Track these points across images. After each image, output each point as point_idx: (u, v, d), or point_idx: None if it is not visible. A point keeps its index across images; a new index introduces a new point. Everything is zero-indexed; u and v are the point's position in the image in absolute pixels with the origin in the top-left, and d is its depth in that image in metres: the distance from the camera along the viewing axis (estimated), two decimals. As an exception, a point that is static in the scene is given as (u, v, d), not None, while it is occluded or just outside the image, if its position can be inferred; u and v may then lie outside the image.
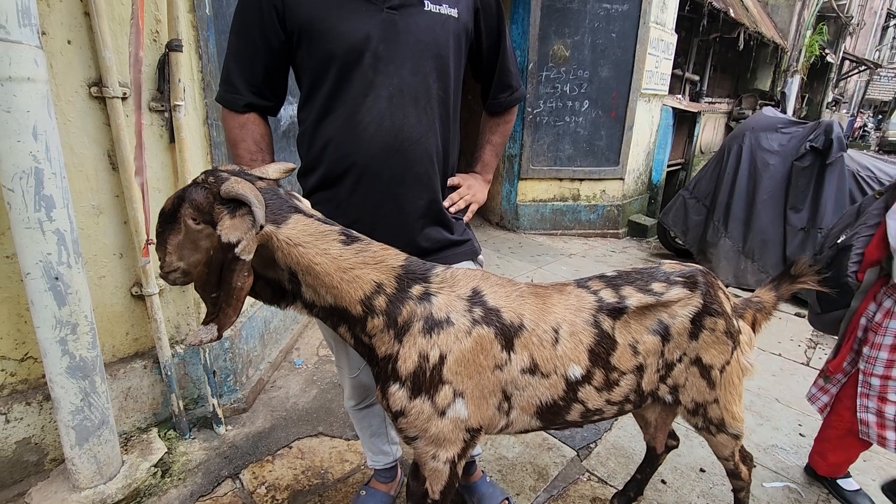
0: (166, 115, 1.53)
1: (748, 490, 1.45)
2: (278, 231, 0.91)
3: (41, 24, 1.21)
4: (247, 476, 1.68)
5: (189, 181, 1.46)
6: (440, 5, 1.11)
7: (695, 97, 7.21)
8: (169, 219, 0.90)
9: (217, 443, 1.79)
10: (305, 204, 1.01)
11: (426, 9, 1.10)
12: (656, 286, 1.16)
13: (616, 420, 2.06)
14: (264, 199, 0.90)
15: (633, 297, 1.14)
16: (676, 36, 4.83)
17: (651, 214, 5.16)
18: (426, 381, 1.02)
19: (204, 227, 0.88)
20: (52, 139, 1.21)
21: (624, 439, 1.96)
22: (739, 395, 1.28)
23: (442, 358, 1.01)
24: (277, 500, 1.59)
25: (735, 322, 1.23)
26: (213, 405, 1.80)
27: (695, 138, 5.94)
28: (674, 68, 5.28)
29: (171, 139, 1.57)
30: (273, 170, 0.96)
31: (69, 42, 1.33)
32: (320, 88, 1.12)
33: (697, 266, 1.23)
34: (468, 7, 1.16)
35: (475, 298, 1.05)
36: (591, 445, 1.91)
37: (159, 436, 1.71)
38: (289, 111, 2.30)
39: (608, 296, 1.14)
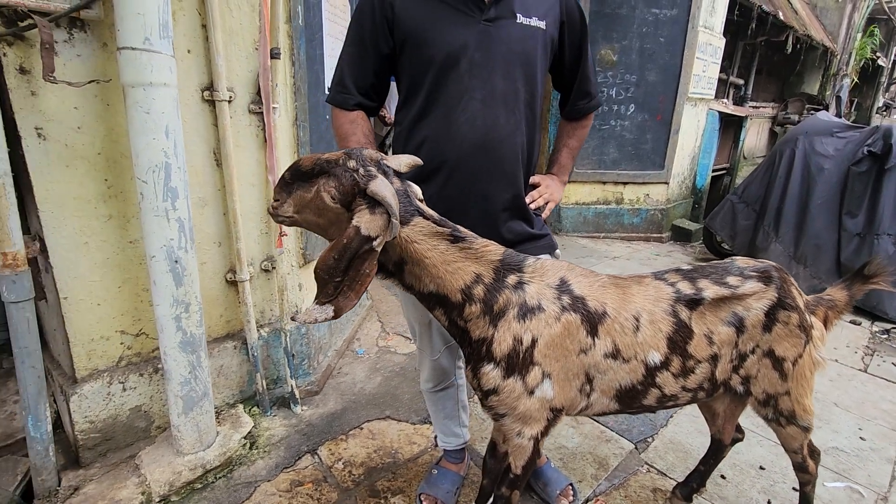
0: (263, 116, 1.67)
1: (814, 484, 1.48)
2: (401, 230, 1.01)
3: (169, 36, 1.37)
4: (324, 452, 1.80)
5: (271, 176, 1.58)
6: (530, 18, 1.21)
7: (739, 101, 7.08)
8: (303, 177, 0.98)
9: (295, 421, 1.93)
10: (419, 193, 1.11)
11: (518, 21, 1.20)
12: (731, 280, 1.22)
13: (671, 416, 2.10)
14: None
15: (710, 290, 1.20)
16: (724, 40, 4.79)
17: (695, 219, 5.11)
18: (519, 362, 1.10)
19: (339, 207, 0.97)
20: (179, 138, 1.37)
21: (681, 435, 2.00)
22: (811, 389, 1.32)
23: (534, 341, 1.10)
24: (354, 474, 1.71)
25: (808, 317, 1.27)
26: (292, 385, 1.94)
27: (740, 143, 5.85)
28: (719, 71, 5.23)
29: (265, 138, 1.72)
30: (404, 163, 1.06)
31: (189, 51, 1.49)
32: (419, 92, 1.23)
33: (771, 262, 1.28)
34: (555, 20, 1.25)
35: (563, 287, 1.13)
36: (649, 440, 1.96)
37: (245, 411, 1.86)
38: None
39: (685, 287, 1.21)
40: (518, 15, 1.20)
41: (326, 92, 2.04)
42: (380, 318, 2.84)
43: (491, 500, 1.38)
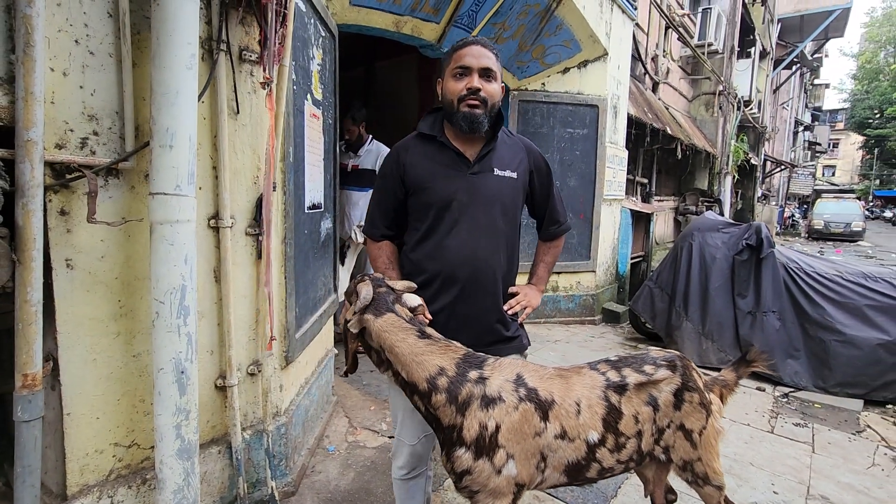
0: (259, 238, 1.93)
1: (736, 535, 1.76)
2: (375, 321, 1.37)
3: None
4: (305, 553, 1.86)
5: (267, 289, 1.91)
6: (504, 171, 1.60)
7: (645, 197, 8.23)
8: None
9: (274, 524, 1.98)
10: (412, 303, 1.45)
11: (495, 174, 1.59)
12: (647, 368, 1.56)
13: (619, 487, 2.36)
14: (375, 299, 1.38)
15: (632, 377, 1.53)
16: (627, 151, 5.75)
17: (621, 301, 5.72)
18: (486, 445, 1.34)
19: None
20: (194, 263, 1.59)
21: (629, 503, 2.25)
22: (717, 454, 1.64)
23: (497, 427, 1.35)
24: (337, 572, 1.78)
25: (707, 395, 1.63)
26: (272, 487, 2.01)
27: (651, 233, 6.75)
28: (626, 174, 6.18)
29: (259, 255, 1.97)
30: (400, 285, 1.42)
31: (200, 188, 1.76)
32: (422, 223, 1.59)
33: (676, 353, 1.66)
34: (525, 170, 1.66)
35: (519, 381, 1.42)
36: (601, 511, 2.19)
37: (226, 518, 1.90)
38: (326, 224, 2.75)
39: (613, 376, 1.53)
40: (495, 169, 1.58)
41: (306, 211, 2.36)
42: (346, 413, 2.95)
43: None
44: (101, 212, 1.51)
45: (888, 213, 28.35)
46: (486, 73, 1.51)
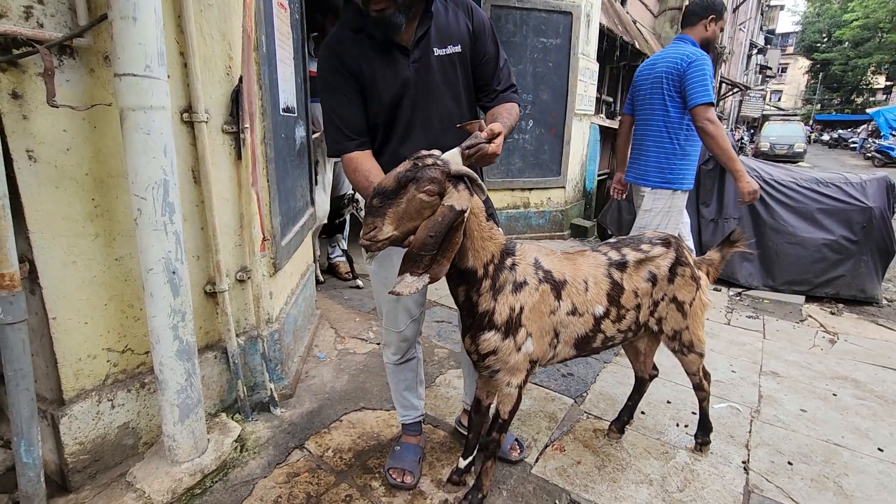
0: (241, 135, 1.80)
1: (708, 400, 1.96)
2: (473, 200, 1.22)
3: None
4: (311, 445, 1.93)
5: (255, 189, 1.73)
6: (445, 48, 1.43)
7: (610, 116, 8.23)
8: (392, 194, 1.13)
9: (277, 422, 2.02)
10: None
11: (436, 55, 1.42)
12: (644, 247, 1.64)
13: (598, 374, 2.54)
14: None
15: (631, 255, 1.61)
16: (598, 65, 5.64)
17: (588, 217, 5.88)
18: (512, 326, 1.40)
19: (435, 198, 1.14)
20: (174, 156, 1.46)
21: (607, 387, 2.44)
22: (702, 324, 1.79)
23: (521, 308, 1.40)
24: (344, 459, 1.87)
25: (697, 270, 1.74)
26: (271, 389, 2.03)
27: (616, 151, 6.83)
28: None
29: (238, 156, 1.84)
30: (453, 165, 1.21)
31: (168, 76, 1.58)
32: (378, 125, 1.48)
33: (669, 233, 1.74)
34: (468, 35, 1.46)
35: (537, 265, 1.46)
36: (584, 394, 2.37)
37: (229, 418, 1.92)
38: (300, 132, 2.59)
39: (614, 255, 1.60)
40: (435, 49, 1.42)
41: (282, 113, 2.20)
42: (332, 325, 2.97)
43: (477, 446, 1.66)
44: (58, 97, 1.34)
45: (826, 137, 29.87)
46: None
